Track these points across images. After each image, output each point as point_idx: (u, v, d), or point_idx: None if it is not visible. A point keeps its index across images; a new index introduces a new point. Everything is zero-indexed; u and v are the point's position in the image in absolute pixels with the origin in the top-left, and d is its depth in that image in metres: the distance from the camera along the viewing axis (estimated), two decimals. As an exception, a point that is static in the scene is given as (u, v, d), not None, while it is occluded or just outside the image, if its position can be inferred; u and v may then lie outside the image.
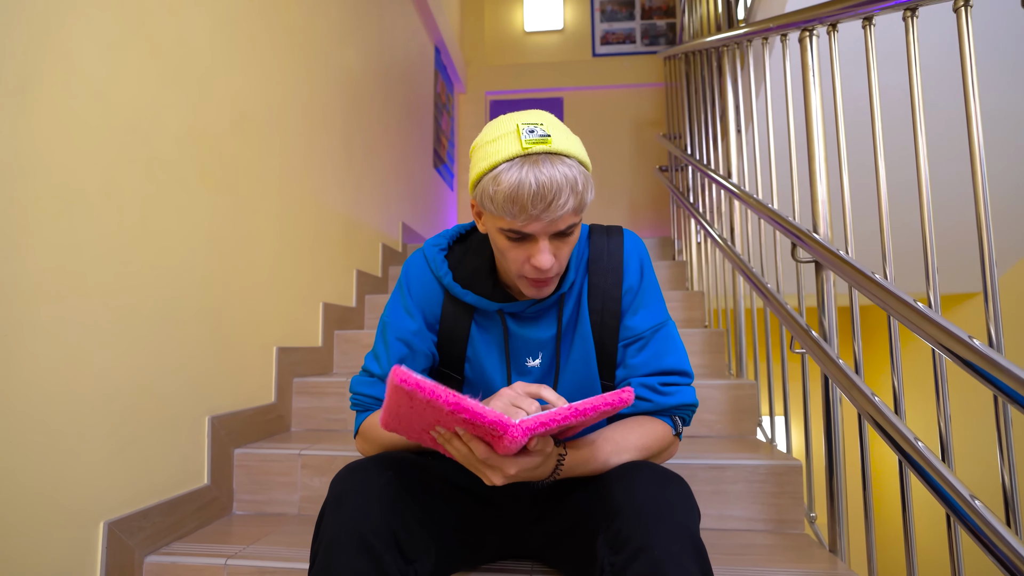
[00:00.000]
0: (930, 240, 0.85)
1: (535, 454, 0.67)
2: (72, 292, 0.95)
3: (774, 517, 1.22)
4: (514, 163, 0.68)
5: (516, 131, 0.69)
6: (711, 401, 1.56)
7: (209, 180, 1.32)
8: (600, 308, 0.86)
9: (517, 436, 0.59)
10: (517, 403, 0.68)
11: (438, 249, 0.89)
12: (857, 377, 0.98)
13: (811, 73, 1.19)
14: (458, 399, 0.57)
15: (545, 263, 0.72)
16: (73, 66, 0.95)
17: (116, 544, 1.00)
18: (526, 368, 0.88)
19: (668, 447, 0.84)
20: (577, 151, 0.71)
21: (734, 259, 1.65)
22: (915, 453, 0.79)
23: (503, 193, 0.67)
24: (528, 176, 0.66)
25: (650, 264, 0.89)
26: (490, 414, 0.58)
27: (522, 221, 0.69)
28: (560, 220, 0.70)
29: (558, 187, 0.66)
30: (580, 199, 0.69)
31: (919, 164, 0.89)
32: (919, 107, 0.90)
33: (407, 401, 0.59)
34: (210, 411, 1.30)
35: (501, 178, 0.68)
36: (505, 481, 0.66)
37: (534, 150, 0.68)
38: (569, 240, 0.74)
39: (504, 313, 0.86)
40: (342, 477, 0.70)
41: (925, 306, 0.78)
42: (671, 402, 0.83)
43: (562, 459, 0.73)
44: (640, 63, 4.36)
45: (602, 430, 0.81)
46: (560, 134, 0.70)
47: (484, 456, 0.64)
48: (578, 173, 0.69)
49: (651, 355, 0.85)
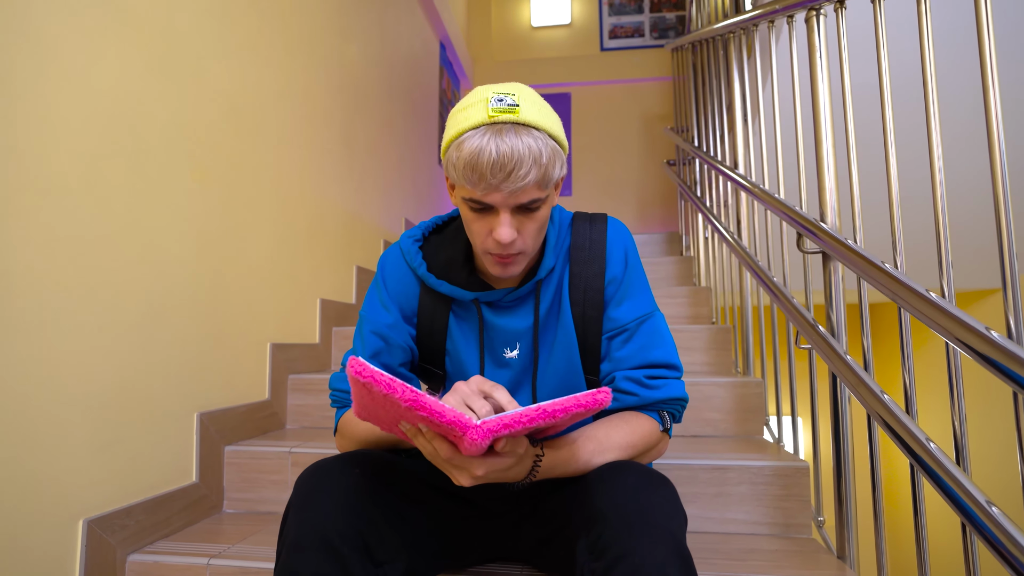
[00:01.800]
0: (943, 227, 0.80)
1: (505, 455, 0.62)
2: (50, 286, 0.92)
3: (780, 521, 1.17)
4: (478, 131, 0.66)
5: (486, 100, 0.67)
6: (716, 399, 1.51)
7: (200, 172, 1.29)
8: (582, 299, 0.82)
9: (477, 438, 0.55)
10: (469, 402, 0.64)
11: (412, 240, 0.86)
12: (866, 374, 0.92)
13: (818, 55, 1.13)
14: (415, 395, 0.54)
15: (504, 236, 0.69)
16: (51, 54, 0.93)
17: (96, 542, 0.98)
18: (504, 360, 0.84)
19: (656, 445, 0.80)
20: (547, 124, 0.68)
21: (740, 252, 1.59)
22: (927, 456, 0.74)
23: (463, 160, 0.66)
24: (489, 144, 0.65)
25: (636, 254, 0.85)
26: (449, 413, 0.54)
27: (482, 190, 0.67)
28: (521, 192, 0.67)
29: (519, 157, 0.64)
30: (544, 172, 0.67)
31: (932, 150, 0.84)
32: (932, 89, 0.84)
33: (367, 394, 0.55)
34: (199, 408, 1.28)
35: (464, 146, 0.66)
36: (473, 482, 0.62)
37: (500, 119, 0.66)
38: (535, 217, 0.71)
39: (480, 303, 0.82)
40: (306, 476, 0.67)
41: (939, 296, 0.73)
42: (658, 396, 0.79)
43: (539, 460, 0.69)
44: (649, 57, 4.30)
45: (584, 428, 0.76)
46: (531, 106, 0.68)
47: (448, 456, 0.60)
48: (544, 146, 0.66)
49: (637, 347, 0.81)
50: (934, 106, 0.83)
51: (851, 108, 1.05)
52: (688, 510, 1.19)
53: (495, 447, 0.60)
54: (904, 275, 0.81)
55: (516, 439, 0.62)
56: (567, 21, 4.49)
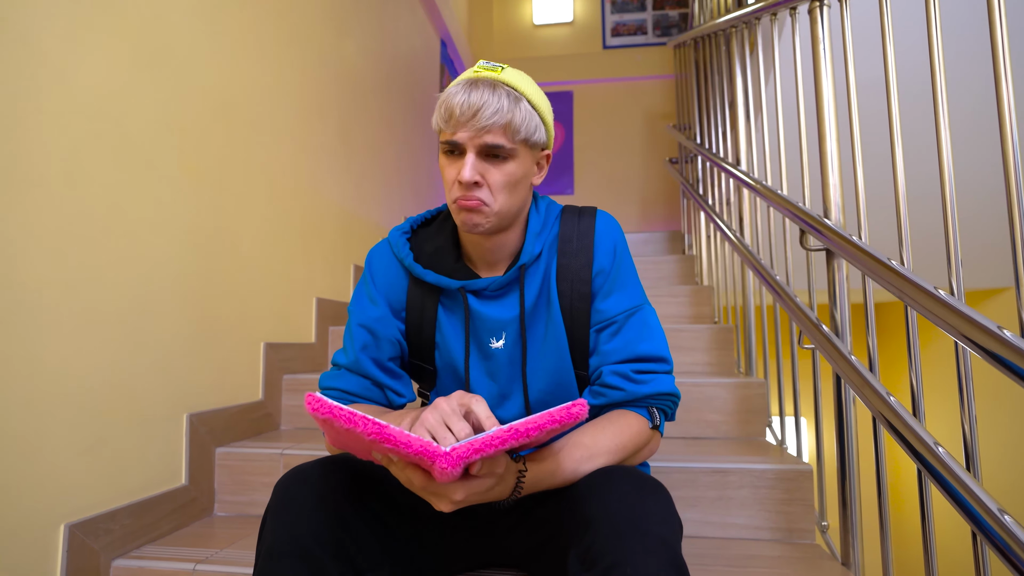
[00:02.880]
0: (952, 223, 0.77)
1: (484, 477, 0.60)
2: (29, 282, 0.90)
3: (782, 526, 1.13)
4: (461, 83, 0.71)
5: (474, 68, 0.73)
6: (718, 401, 1.48)
7: (190, 169, 1.26)
8: (569, 291, 0.81)
9: (447, 467, 0.52)
10: (448, 422, 0.61)
11: (400, 232, 0.86)
12: (871, 375, 0.89)
13: (821, 47, 1.10)
14: (379, 428, 0.52)
15: (467, 175, 0.70)
16: (31, 45, 0.90)
17: (78, 547, 0.95)
18: (490, 350, 0.82)
19: (646, 444, 0.77)
20: (529, 92, 0.72)
21: (742, 251, 1.56)
22: (935, 460, 0.71)
23: (441, 102, 0.71)
24: (464, 90, 0.70)
25: (625, 247, 0.84)
26: (415, 443, 0.52)
27: (451, 129, 0.70)
28: (487, 132, 0.69)
29: (487, 101, 0.68)
30: (511, 119, 0.70)
31: (940, 144, 0.80)
32: (940, 81, 0.81)
33: (331, 428, 0.53)
34: (189, 408, 1.25)
35: (445, 95, 0.71)
36: (454, 507, 0.59)
37: (481, 75, 0.71)
38: (501, 169, 0.72)
39: (466, 291, 0.81)
40: (285, 481, 0.64)
41: (948, 294, 0.70)
42: (646, 391, 0.76)
43: (522, 476, 0.66)
44: (651, 55, 4.26)
45: (570, 434, 0.73)
46: (516, 74, 0.73)
47: (422, 484, 0.57)
48: (517, 102, 0.70)
49: (625, 341, 0.78)
50: (943, 99, 0.80)
51: (855, 102, 1.02)
52: (688, 514, 1.16)
53: (471, 471, 0.58)
54: (912, 273, 0.77)
55: (494, 460, 0.60)
56: (569, 19, 4.46)
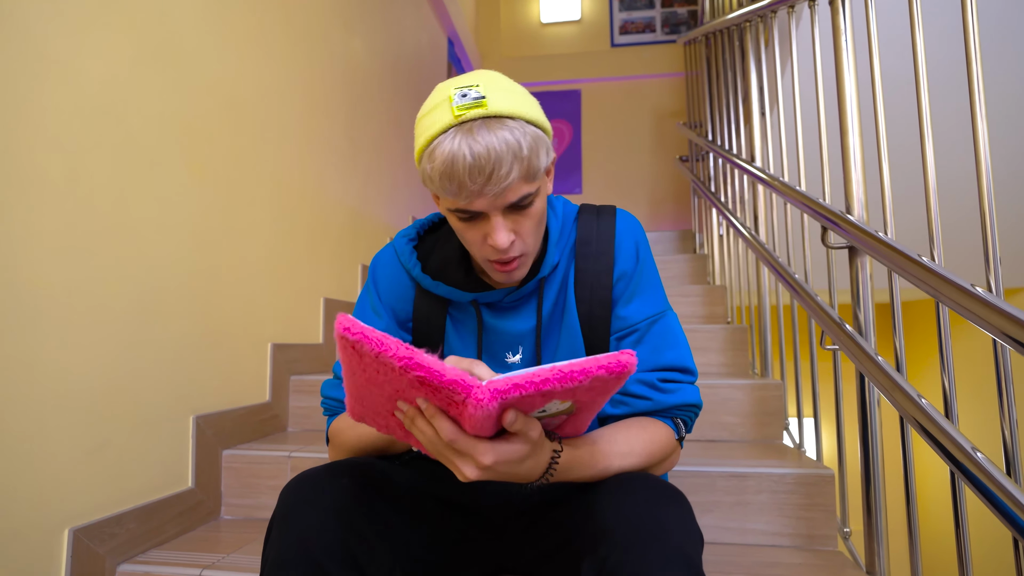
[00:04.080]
0: (990, 217, 0.73)
1: (516, 439, 0.53)
2: (31, 283, 0.88)
3: (803, 532, 1.10)
4: (447, 135, 0.59)
5: (449, 98, 0.61)
6: (733, 403, 1.45)
7: (196, 167, 1.24)
8: (588, 297, 0.75)
9: (483, 400, 0.47)
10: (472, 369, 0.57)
11: (407, 240, 0.80)
12: (900, 376, 0.86)
13: (843, 38, 1.06)
14: (411, 353, 0.47)
15: (501, 241, 0.63)
16: (32, 41, 0.88)
17: (83, 552, 0.93)
18: (506, 365, 0.78)
19: (670, 455, 0.73)
20: (522, 109, 0.62)
21: (758, 248, 1.53)
22: (973, 465, 0.67)
23: (438, 171, 0.60)
24: (461, 147, 0.58)
25: (648, 248, 0.79)
26: (450, 372, 0.47)
27: (465, 199, 0.61)
28: (508, 192, 0.61)
29: (497, 155, 0.58)
30: (527, 165, 0.60)
31: (976, 135, 0.77)
32: (977, 71, 0.77)
33: (358, 362, 0.49)
34: (195, 410, 1.23)
35: (435, 154, 0.60)
36: (480, 474, 0.53)
37: (467, 116, 0.59)
38: (530, 213, 0.65)
39: (479, 304, 0.76)
40: (290, 488, 0.62)
41: (985, 291, 0.67)
42: (673, 400, 0.72)
43: (557, 456, 0.60)
44: (660, 52, 4.22)
45: (602, 429, 0.69)
46: (499, 94, 0.61)
47: (451, 436, 0.51)
48: (522, 135, 0.60)
49: (649, 349, 0.74)
50: (979, 89, 0.76)
51: (880, 94, 0.98)
52: (705, 520, 1.13)
53: (503, 420, 0.51)
54: (945, 269, 0.74)
55: (528, 420, 0.54)
56: (577, 17, 4.43)
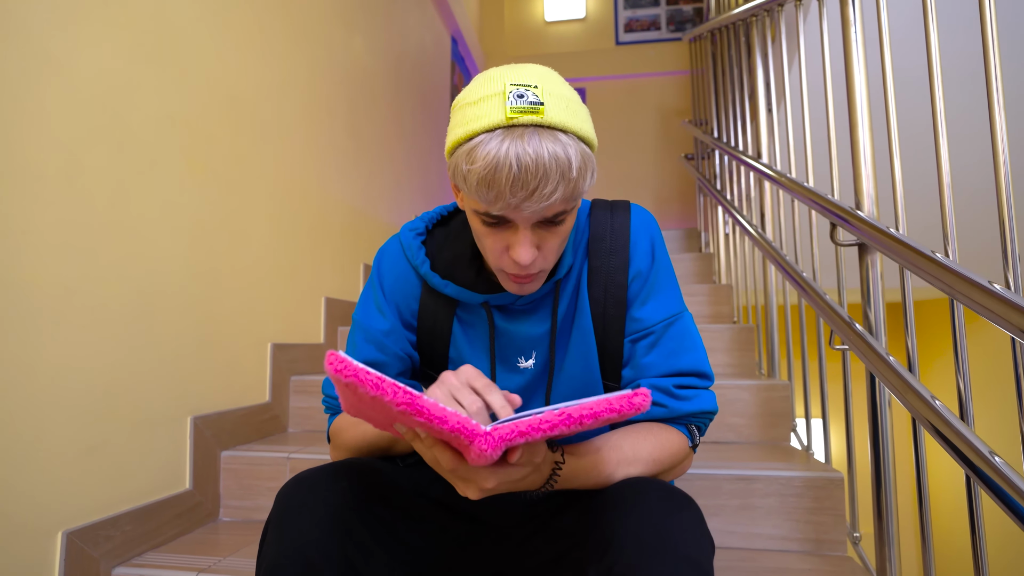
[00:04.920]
0: (1008, 211, 0.70)
1: (519, 466, 0.53)
2: (26, 281, 0.86)
3: (811, 536, 1.07)
4: (494, 135, 0.54)
5: (503, 93, 0.55)
6: (740, 404, 1.42)
7: (195, 165, 1.23)
8: (602, 297, 0.72)
9: (487, 448, 0.46)
10: (457, 395, 0.55)
11: (415, 234, 0.76)
12: (912, 377, 0.83)
13: (852, 30, 1.04)
14: (410, 398, 0.45)
15: (525, 257, 0.59)
16: (27, 36, 0.87)
17: (77, 555, 0.92)
18: (519, 370, 0.75)
19: (682, 461, 0.71)
20: (577, 125, 0.57)
21: (765, 247, 1.50)
22: (991, 470, 0.65)
23: (477, 173, 0.54)
24: (509, 154, 0.53)
25: (663, 245, 0.75)
26: (452, 419, 0.46)
27: (499, 209, 0.56)
28: (546, 210, 0.57)
29: (544, 171, 0.53)
30: (573, 187, 0.56)
31: (995, 129, 0.74)
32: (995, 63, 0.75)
33: (352, 394, 0.47)
34: (193, 411, 1.22)
35: (476, 153, 0.54)
36: (482, 495, 0.53)
37: (520, 120, 0.54)
38: (558, 231, 0.61)
39: (490, 306, 0.73)
40: (287, 490, 0.60)
41: (1004, 288, 0.64)
42: (689, 408, 0.70)
43: (559, 467, 0.60)
44: (665, 50, 4.19)
45: (608, 435, 0.68)
46: (558, 102, 0.56)
47: (451, 467, 0.51)
48: (575, 153, 0.55)
49: (665, 353, 0.71)
50: (996, 78, 0.73)
51: (891, 86, 0.96)
52: (711, 524, 1.10)
53: (509, 458, 0.51)
54: (961, 266, 0.71)
55: (534, 447, 0.53)
56: (581, 15, 4.40)
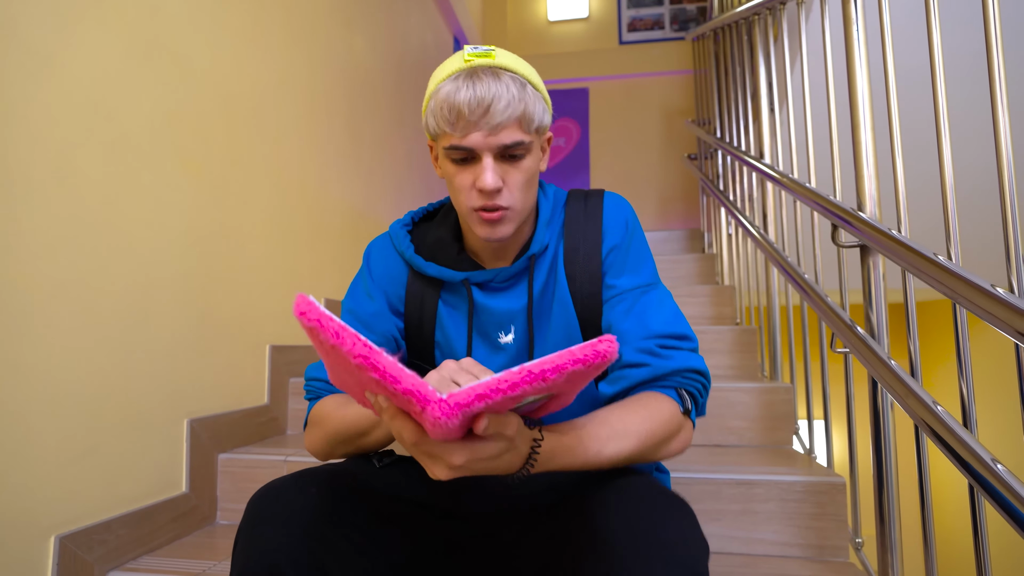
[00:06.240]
0: (1012, 214, 0.69)
1: (490, 439, 0.49)
2: (14, 284, 0.86)
3: (813, 542, 1.06)
4: (454, 77, 0.66)
5: (461, 53, 0.68)
6: (741, 406, 1.41)
7: (190, 165, 1.22)
8: (578, 273, 0.76)
9: (441, 416, 0.42)
10: (455, 378, 0.53)
11: (401, 225, 0.82)
12: (914, 382, 0.82)
13: (855, 28, 1.02)
14: (368, 351, 0.41)
15: (489, 182, 0.66)
16: (15, 34, 0.87)
17: (70, 560, 0.91)
18: (499, 345, 0.78)
19: (677, 432, 0.67)
20: (525, 71, 0.69)
21: (767, 248, 1.48)
22: (993, 478, 0.63)
23: (440, 103, 0.65)
24: (466, 83, 0.64)
25: (638, 225, 0.79)
26: (407, 381, 0.41)
27: (461, 131, 0.65)
28: (501, 130, 0.65)
29: (496, 93, 0.64)
30: (524, 108, 0.66)
31: (998, 129, 0.73)
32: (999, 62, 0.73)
33: (319, 346, 0.43)
34: (190, 413, 1.21)
35: (440, 92, 0.66)
36: (452, 474, 0.48)
37: (476, 63, 0.66)
38: (520, 167, 0.69)
39: (470, 283, 0.77)
40: (256, 499, 0.59)
41: (1006, 292, 0.62)
42: (673, 366, 0.68)
43: (538, 445, 0.55)
44: (669, 50, 4.17)
45: (593, 412, 0.64)
46: (507, 56, 0.69)
47: (414, 440, 0.47)
48: (522, 86, 0.67)
49: (641, 318, 0.72)
50: (1000, 77, 0.72)
51: (894, 86, 0.94)
52: (710, 529, 1.09)
53: (475, 428, 0.46)
54: (963, 269, 0.70)
55: (504, 419, 0.48)
56: (584, 15, 4.38)
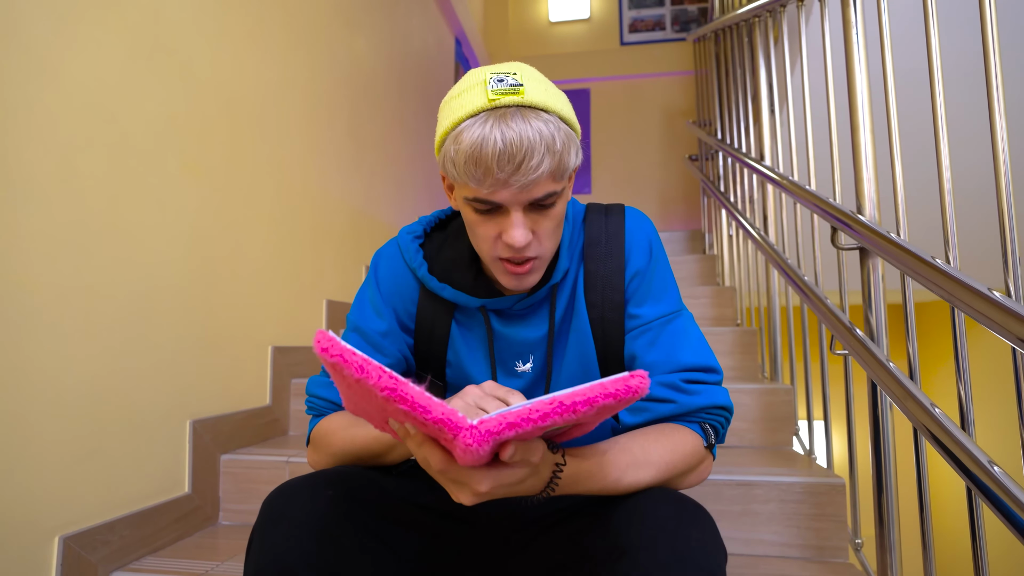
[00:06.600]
0: (1009, 216, 0.69)
1: (516, 466, 0.49)
2: (17, 287, 0.87)
3: (812, 543, 1.06)
4: (478, 118, 0.57)
5: (484, 82, 0.59)
6: (742, 408, 1.41)
7: (193, 167, 1.23)
8: (600, 301, 0.72)
9: (472, 443, 0.43)
10: (482, 404, 0.53)
11: (412, 237, 0.76)
12: (912, 384, 0.82)
13: (854, 31, 1.03)
14: (394, 383, 0.42)
15: (518, 239, 0.60)
16: (18, 37, 0.87)
17: (74, 560, 0.92)
18: (516, 374, 0.75)
19: (699, 465, 0.67)
20: (557, 105, 0.60)
21: (767, 249, 1.49)
22: (990, 480, 0.64)
23: (464, 153, 0.57)
24: (493, 132, 0.55)
25: (661, 247, 0.75)
26: (436, 409, 0.42)
27: (488, 187, 0.58)
28: (534, 186, 0.58)
29: (530, 143, 0.55)
30: (558, 160, 0.58)
31: (995, 132, 0.73)
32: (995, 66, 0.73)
33: (341, 379, 0.44)
34: (193, 414, 1.22)
35: (463, 136, 0.57)
36: (476, 500, 0.49)
37: (502, 102, 0.57)
38: (550, 214, 0.62)
39: (488, 310, 0.73)
40: (271, 500, 0.59)
41: (1003, 296, 0.63)
42: (699, 402, 0.67)
43: (559, 469, 0.56)
44: (670, 51, 4.18)
45: (615, 438, 0.65)
46: (537, 85, 0.60)
47: (441, 467, 0.47)
48: (556, 130, 0.58)
49: (666, 349, 0.69)
50: (997, 81, 0.72)
51: (893, 89, 0.95)
52: (711, 530, 1.09)
53: (501, 455, 0.47)
54: (961, 272, 0.70)
55: (530, 446, 0.49)
56: (586, 16, 4.39)
